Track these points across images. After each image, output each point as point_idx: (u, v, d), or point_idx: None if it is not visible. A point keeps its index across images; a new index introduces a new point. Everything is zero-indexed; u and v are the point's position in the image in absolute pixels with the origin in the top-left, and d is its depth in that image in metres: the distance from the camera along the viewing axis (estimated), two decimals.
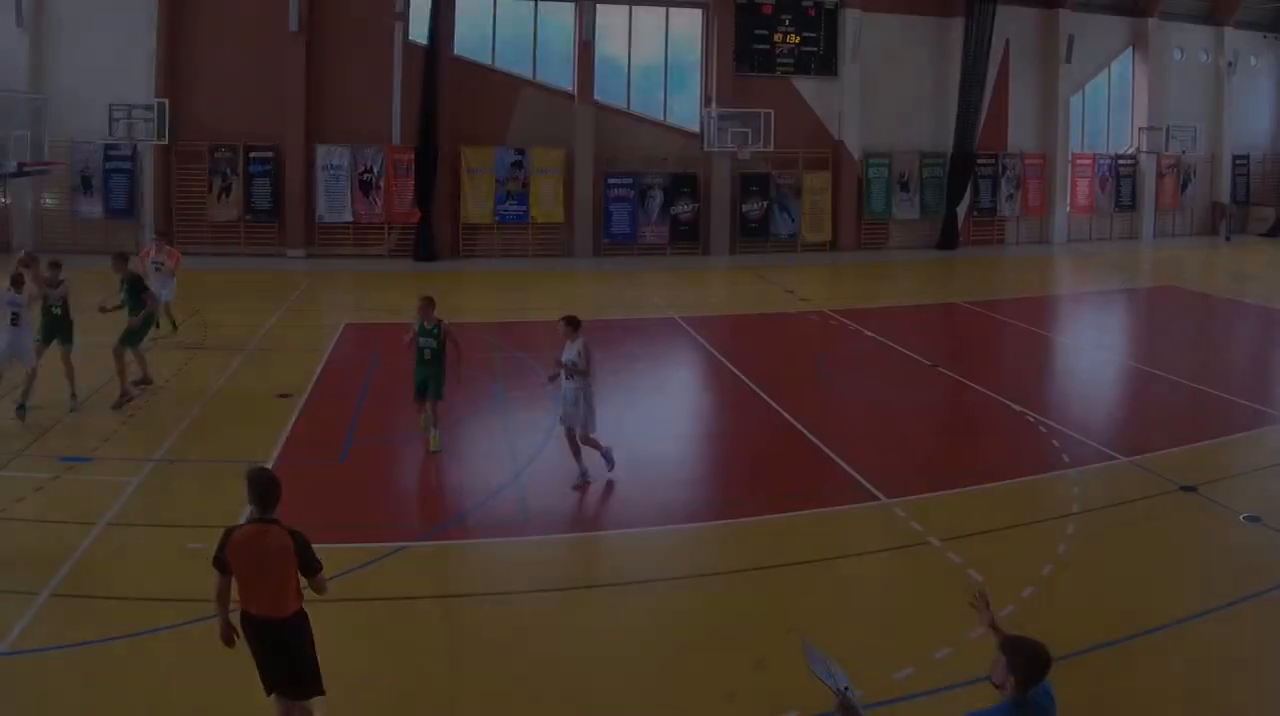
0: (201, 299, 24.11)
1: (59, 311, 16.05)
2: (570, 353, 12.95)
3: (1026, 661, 5.37)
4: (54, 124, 28.47)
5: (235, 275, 29.60)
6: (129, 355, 16.72)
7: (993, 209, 38.17)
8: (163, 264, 20.69)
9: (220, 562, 7.07)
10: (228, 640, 7.29)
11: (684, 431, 16.40)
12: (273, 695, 7.20)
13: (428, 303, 14.38)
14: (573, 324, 13.10)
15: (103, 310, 16.97)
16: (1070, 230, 39.78)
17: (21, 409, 15.19)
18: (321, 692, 7.29)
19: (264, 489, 7.09)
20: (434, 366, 14.25)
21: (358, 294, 28.06)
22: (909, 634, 9.16)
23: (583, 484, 13.04)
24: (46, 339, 16.10)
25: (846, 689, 5.35)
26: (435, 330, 14.21)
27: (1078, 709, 7.88)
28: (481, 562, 11.13)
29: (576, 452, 13.21)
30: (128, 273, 17.23)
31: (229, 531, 7.10)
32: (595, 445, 13.19)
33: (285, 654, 7.12)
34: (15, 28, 31.69)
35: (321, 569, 7.17)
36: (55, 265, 16.43)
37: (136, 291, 16.98)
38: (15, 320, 15.11)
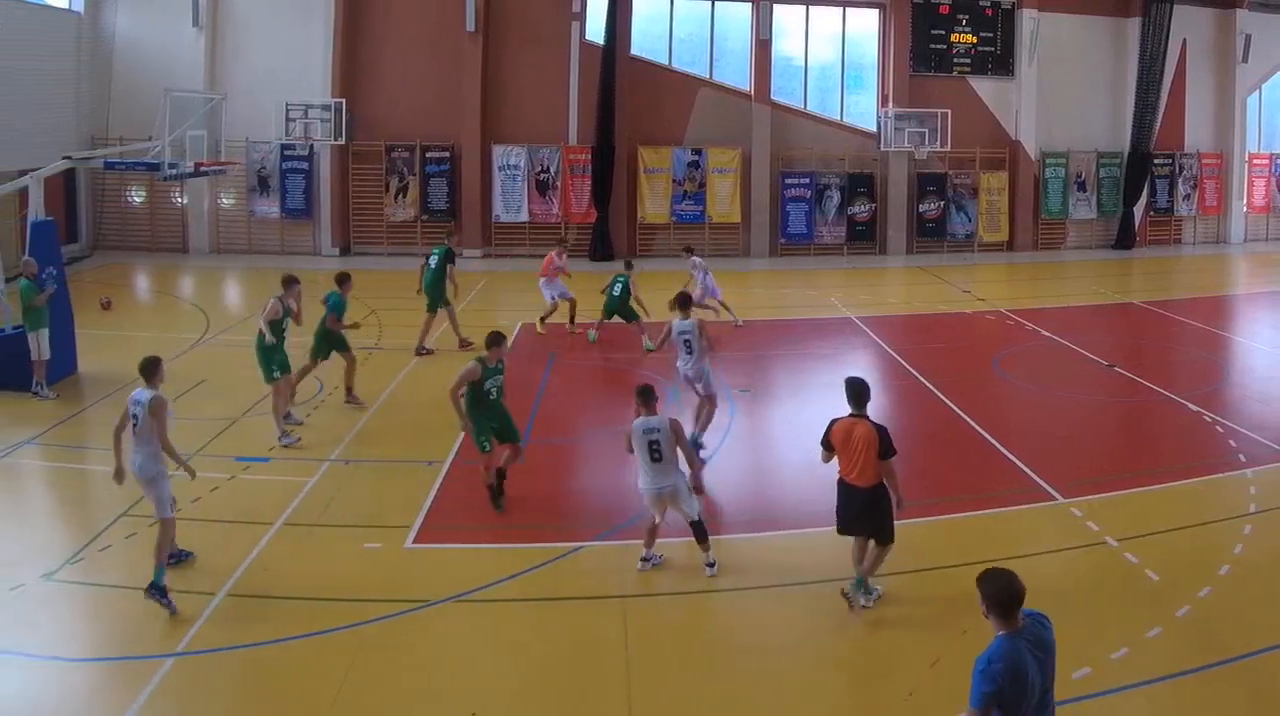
0: (378, 299, 21.99)
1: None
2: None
3: (994, 590, 5.24)
4: (230, 124, 25.42)
5: (412, 275, 25.90)
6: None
7: (1169, 209, 33.46)
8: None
9: (826, 443, 8.78)
10: None
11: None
12: (848, 536, 8.95)
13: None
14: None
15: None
16: (1247, 230, 34.81)
17: None
18: (892, 541, 8.78)
19: (858, 392, 8.74)
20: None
21: (534, 294, 24.35)
22: (1086, 633, 8.32)
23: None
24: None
25: None
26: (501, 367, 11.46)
27: (1255, 710, 7.48)
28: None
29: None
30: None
31: (833, 422, 8.74)
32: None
33: (868, 513, 8.71)
34: (192, 27, 28.62)
35: (894, 455, 8.59)
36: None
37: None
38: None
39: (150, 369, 9.43)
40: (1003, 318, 22.09)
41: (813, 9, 31.41)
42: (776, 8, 30.82)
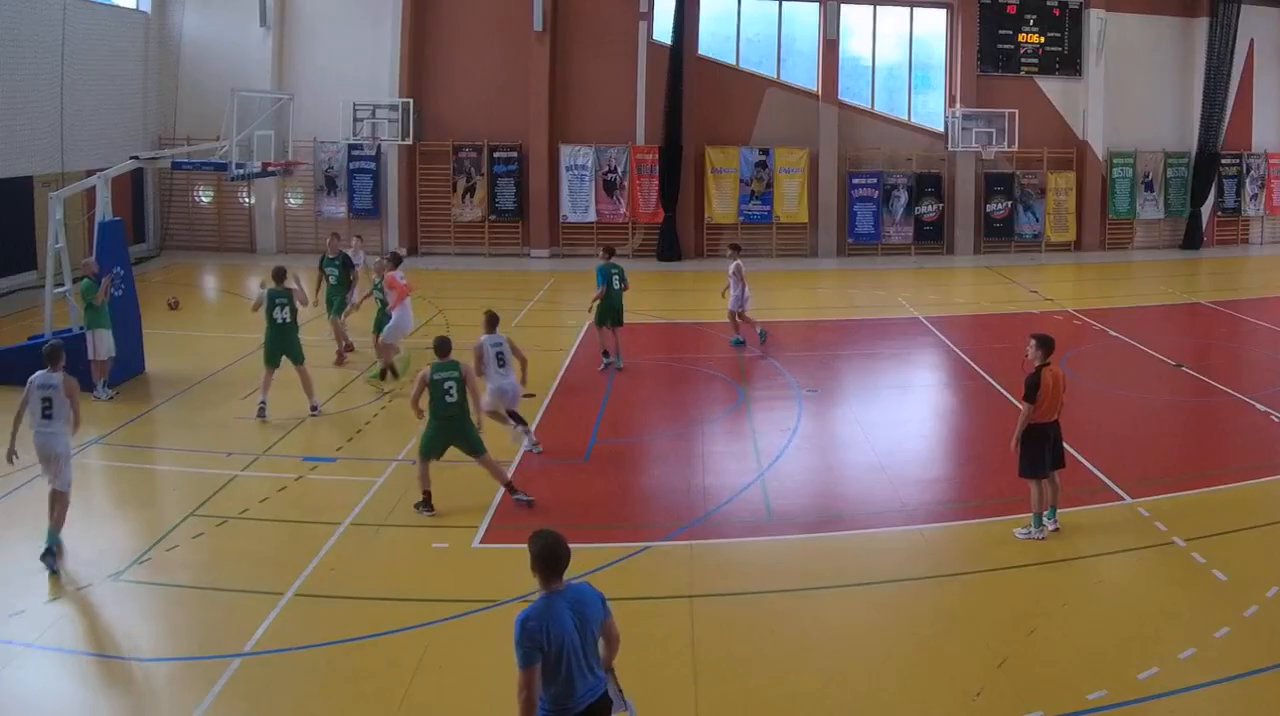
0: (445, 298, 20.71)
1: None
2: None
3: (539, 548, 5.05)
4: (297, 124, 23.18)
5: (479, 275, 25.07)
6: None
7: (1236, 209, 30.35)
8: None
9: (1032, 395, 9.21)
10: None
11: (928, 431, 13.92)
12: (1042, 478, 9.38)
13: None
14: None
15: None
16: None
17: None
18: (1064, 466, 9.56)
19: (1052, 343, 9.50)
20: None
21: None
22: (1153, 634, 7.74)
23: None
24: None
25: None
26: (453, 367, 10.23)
27: None
28: (725, 562, 9.34)
29: None
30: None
31: (1036, 377, 9.25)
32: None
33: (1059, 444, 9.46)
34: (259, 27, 26.17)
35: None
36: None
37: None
38: (47, 409, 8.99)
39: None
40: (1070, 318, 20.33)
41: (880, 9, 28.52)
42: (844, 8, 28.00)
